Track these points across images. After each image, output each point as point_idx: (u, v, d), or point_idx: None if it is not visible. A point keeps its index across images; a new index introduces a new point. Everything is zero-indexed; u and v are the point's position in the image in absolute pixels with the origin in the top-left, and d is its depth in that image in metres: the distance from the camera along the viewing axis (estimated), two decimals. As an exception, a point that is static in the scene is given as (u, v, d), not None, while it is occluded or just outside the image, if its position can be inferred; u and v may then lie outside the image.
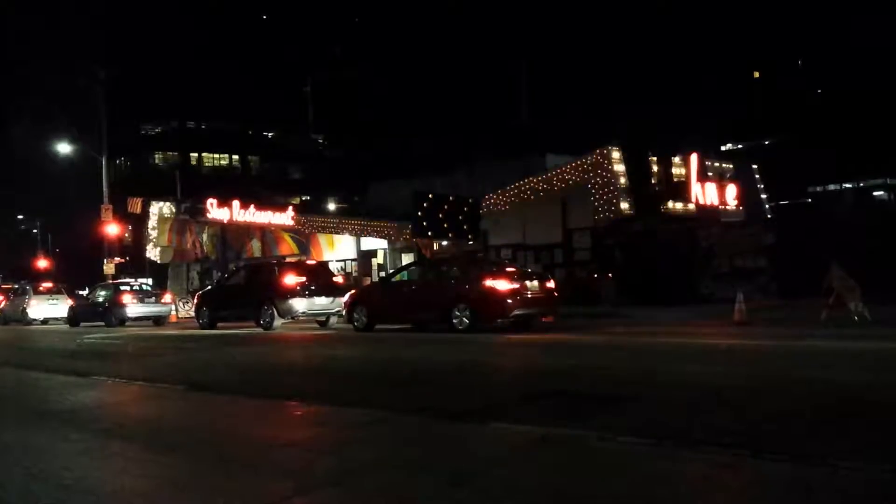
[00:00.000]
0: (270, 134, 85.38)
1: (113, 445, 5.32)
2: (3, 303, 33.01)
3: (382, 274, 27.56)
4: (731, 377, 7.54)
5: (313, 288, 19.07)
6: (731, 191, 25.51)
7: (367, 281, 27.84)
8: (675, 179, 24.16)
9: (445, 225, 22.30)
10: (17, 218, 74.19)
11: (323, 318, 19.80)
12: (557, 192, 23.53)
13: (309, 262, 24.39)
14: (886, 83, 64.19)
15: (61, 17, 70.58)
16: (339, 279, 21.93)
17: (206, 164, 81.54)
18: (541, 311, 15.58)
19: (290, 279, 19.00)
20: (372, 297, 17.66)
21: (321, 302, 19.18)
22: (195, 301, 22.76)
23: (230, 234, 34.96)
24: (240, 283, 20.99)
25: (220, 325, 20.67)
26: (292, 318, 19.26)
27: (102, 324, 25.32)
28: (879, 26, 68.57)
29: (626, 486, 3.84)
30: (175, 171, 60.77)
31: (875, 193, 72.30)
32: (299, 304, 18.81)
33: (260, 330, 18.67)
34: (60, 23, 70.43)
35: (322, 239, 32.01)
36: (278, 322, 18.88)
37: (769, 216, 27.93)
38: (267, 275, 19.95)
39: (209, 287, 25.57)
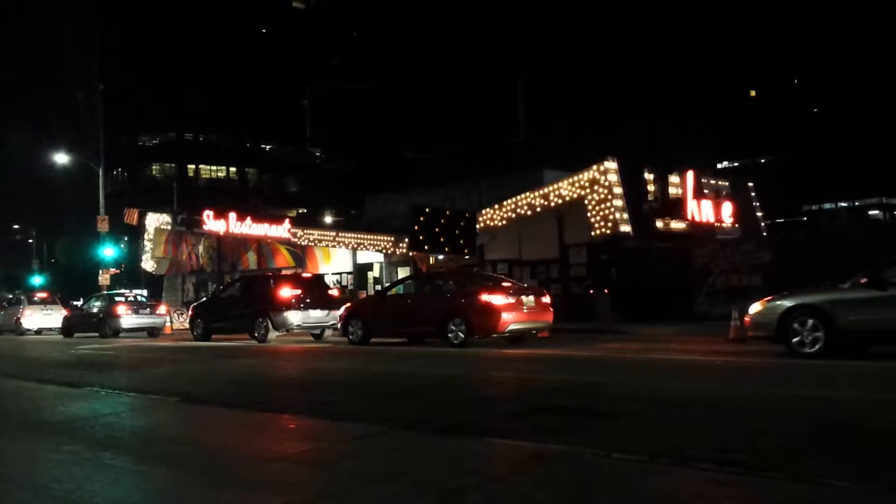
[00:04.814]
0: (268, 147, 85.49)
1: (105, 457, 5.30)
2: (-2, 312, 32.89)
3: (378, 287, 27.52)
4: (725, 394, 7.54)
5: (308, 301, 19.02)
6: (727, 208, 25.58)
7: (363, 294, 27.81)
8: (672, 196, 24.23)
9: (442, 239, 22.30)
10: (12, 227, 74.03)
11: (318, 332, 19.75)
12: (554, 207, 23.56)
13: (304, 274, 24.36)
14: (881, 103, 64.60)
15: (60, 28, 70.70)
16: (334, 292, 21.88)
17: (203, 176, 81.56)
18: (536, 326, 15.56)
19: (286, 292, 18.96)
20: (367, 310, 17.62)
21: (316, 315, 19.13)
22: (190, 313, 22.71)
23: (226, 246, 34.93)
24: (235, 296, 20.95)
25: (214, 337, 20.61)
26: (287, 330, 19.21)
27: (96, 334, 25.22)
28: (876, 48, 69.04)
29: (619, 503, 3.83)
30: (172, 183, 60.78)
31: (870, 212, 72.62)
32: (294, 317, 18.76)
33: (254, 342, 18.62)
34: (59, 34, 70.53)
35: (318, 252, 31.98)
36: (273, 335, 18.82)
37: (765, 234, 27.99)
38: (262, 287, 19.92)
39: (204, 299, 25.51)
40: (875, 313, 10.04)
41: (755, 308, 11.34)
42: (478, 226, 24.28)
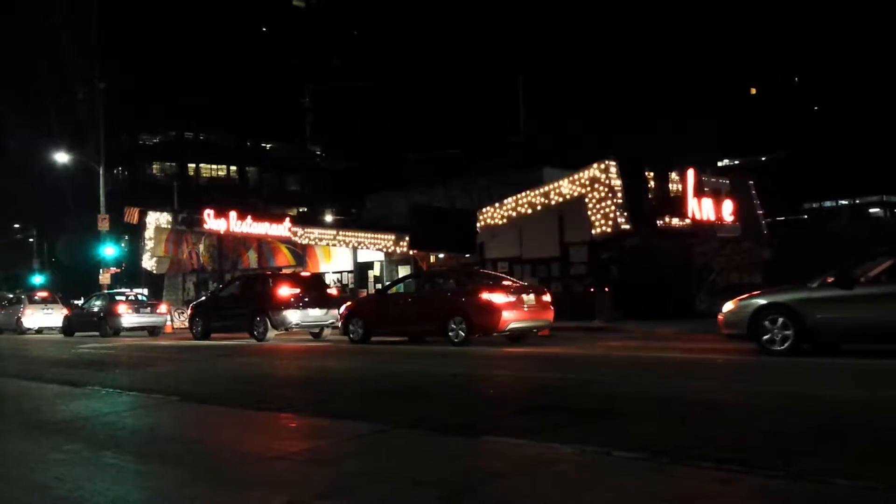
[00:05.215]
0: (268, 145, 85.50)
1: (106, 456, 5.31)
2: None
3: (379, 286, 27.53)
4: (725, 392, 7.55)
5: (307, 300, 19.02)
6: (728, 206, 25.56)
7: (364, 293, 27.81)
8: (672, 194, 24.21)
9: (442, 238, 22.31)
10: (13, 226, 74.02)
11: (316, 330, 19.75)
12: (554, 205, 23.56)
13: (303, 273, 24.36)
14: (882, 101, 64.55)
15: (60, 27, 70.70)
16: (332, 291, 21.89)
17: (204, 175, 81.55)
18: (537, 324, 15.56)
19: (284, 291, 18.97)
20: (368, 309, 17.63)
21: (315, 314, 19.13)
22: (189, 312, 22.72)
23: (227, 245, 34.93)
24: (234, 294, 20.95)
25: (213, 336, 20.61)
26: (286, 329, 19.21)
27: (97, 333, 25.22)
28: (876, 45, 69.00)
29: (620, 501, 3.83)
30: (172, 182, 60.81)
31: (871, 210, 72.59)
32: (293, 316, 18.76)
33: (254, 341, 18.62)
34: (59, 33, 70.52)
35: (319, 250, 31.98)
36: (272, 333, 18.82)
37: (765, 232, 27.98)
38: (261, 286, 19.92)
39: (203, 298, 25.52)
40: (841, 311, 10.25)
41: (728, 307, 11.59)
42: (478, 224, 24.29)
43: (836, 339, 10.81)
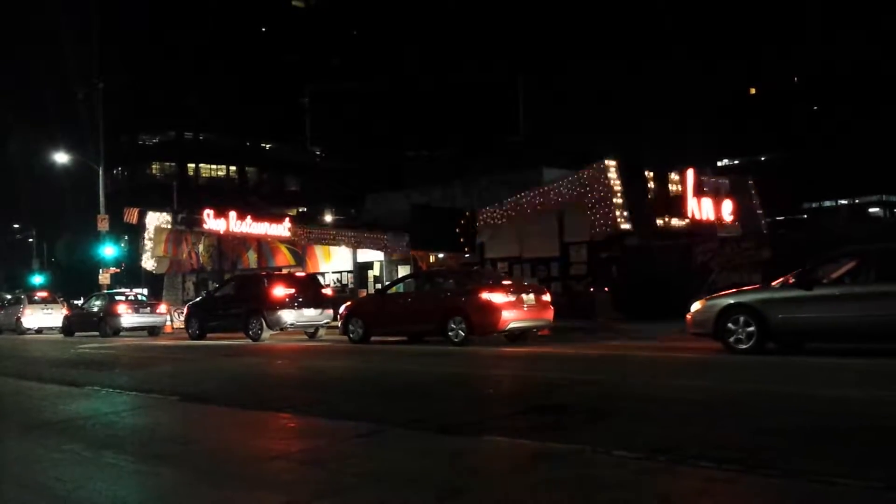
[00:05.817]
0: (268, 145, 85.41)
1: (106, 456, 5.30)
2: (-2, 312, 32.87)
3: (378, 286, 27.52)
4: (724, 392, 7.54)
5: (302, 300, 19.07)
6: (727, 206, 25.57)
7: (363, 293, 27.81)
8: (672, 194, 24.21)
9: (442, 237, 22.29)
10: (12, 227, 73.98)
11: (311, 330, 19.79)
12: (554, 206, 23.55)
13: (298, 273, 24.32)
14: (881, 100, 64.56)
15: (60, 27, 70.69)
16: (328, 291, 21.92)
17: (204, 175, 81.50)
18: (536, 324, 15.56)
19: (279, 291, 19.00)
20: (367, 308, 17.64)
21: (309, 314, 19.17)
22: (185, 312, 22.74)
23: (226, 245, 34.91)
24: (229, 294, 20.95)
25: (210, 336, 20.62)
26: (281, 329, 19.23)
27: (97, 333, 25.21)
28: (876, 44, 69.03)
29: (620, 500, 3.83)
30: (172, 182, 60.74)
31: (870, 210, 72.62)
32: (288, 316, 18.79)
33: (249, 341, 18.63)
34: (59, 33, 70.50)
35: (318, 250, 31.97)
36: (267, 333, 18.84)
37: (765, 231, 27.97)
38: (256, 286, 19.93)
39: (199, 298, 25.50)
40: (801, 311, 10.53)
41: (695, 307, 11.84)
42: (478, 224, 24.27)
43: (798, 338, 11.07)
